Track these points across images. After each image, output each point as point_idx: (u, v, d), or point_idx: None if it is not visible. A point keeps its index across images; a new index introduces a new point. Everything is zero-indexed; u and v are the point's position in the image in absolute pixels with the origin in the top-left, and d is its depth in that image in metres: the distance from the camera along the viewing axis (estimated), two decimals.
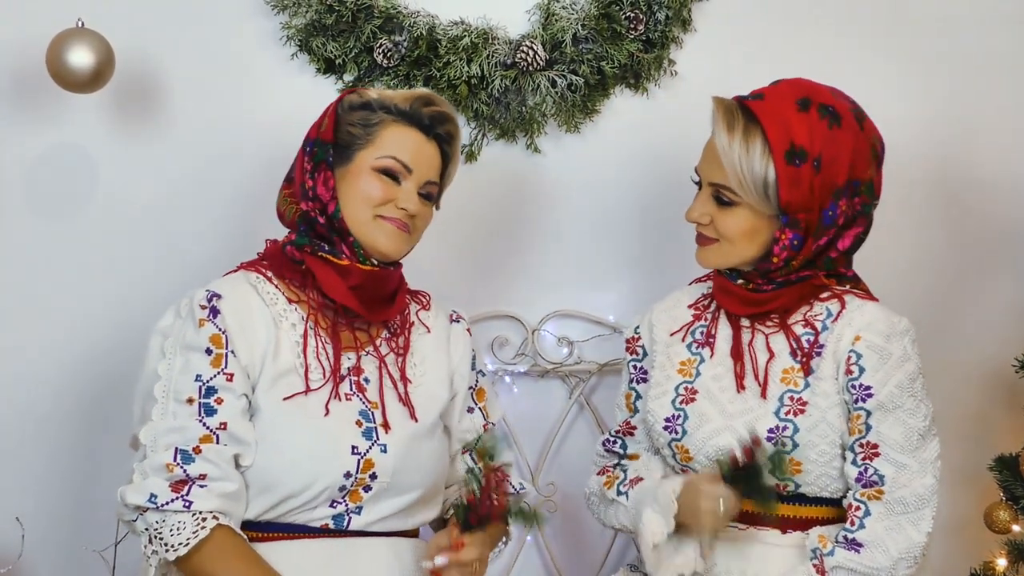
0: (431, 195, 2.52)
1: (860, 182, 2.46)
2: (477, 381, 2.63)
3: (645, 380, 2.61)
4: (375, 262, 2.47)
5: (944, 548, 3.07)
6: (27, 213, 2.97)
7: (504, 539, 2.62)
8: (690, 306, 2.62)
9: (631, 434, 2.64)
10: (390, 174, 2.47)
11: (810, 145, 2.42)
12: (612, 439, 2.65)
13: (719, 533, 2.42)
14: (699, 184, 2.53)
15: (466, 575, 2.38)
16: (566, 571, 3.11)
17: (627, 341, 2.67)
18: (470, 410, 2.61)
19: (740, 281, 2.51)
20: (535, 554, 3.12)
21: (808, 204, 2.43)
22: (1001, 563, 2.94)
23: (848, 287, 2.52)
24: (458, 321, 2.63)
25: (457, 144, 2.54)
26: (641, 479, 2.55)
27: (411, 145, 2.48)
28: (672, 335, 2.59)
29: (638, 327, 2.65)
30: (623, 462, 2.63)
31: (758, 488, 2.34)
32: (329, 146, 2.48)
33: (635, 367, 2.65)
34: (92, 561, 2.87)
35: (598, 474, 2.65)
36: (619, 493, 2.56)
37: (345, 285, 2.46)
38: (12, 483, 2.97)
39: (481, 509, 2.37)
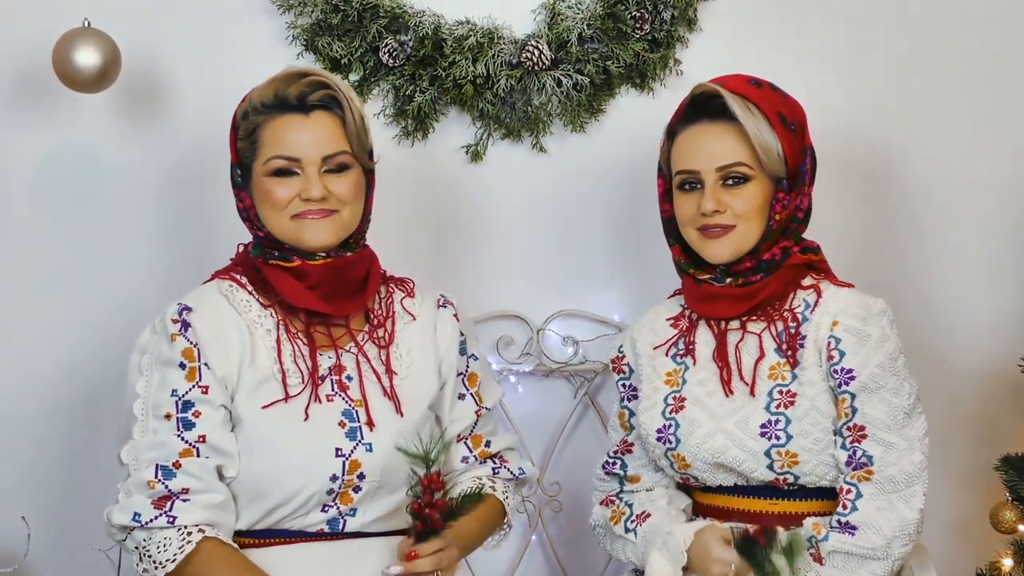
0: (343, 164, 2.44)
1: (810, 146, 2.55)
2: (468, 366, 2.57)
3: (636, 397, 2.62)
4: (326, 253, 2.44)
5: (950, 548, 3.07)
6: (33, 213, 2.97)
7: (506, 524, 2.58)
8: (668, 319, 2.63)
9: (629, 452, 2.64)
10: (282, 173, 2.42)
11: (784, 111, 2.51)
12: (611, 460, 2.65)
13: None
14: (690, 185, 2.53)
15: None
16: (570, 570, 3.11)
17: (612, 362, 2.68)
18: (461, 397, 2.55)
19: (729, 280, 2.51)
20: (539, 553, 3.12)
21: (798, 164, 2.51)
22: (1007, 563, 2.93)
23: (823, 276, 2.55)
24: (446, 306, 2.57)
25: (344, 101, 2.43)
26: (649, 515, 2.55)
27: (288, 134, 2.41)
28: (656, 348, 2.60)
29: (621, 346, 2.67)
30: (626, 489, 2.63)
31: (765, 568, 2.30)
32: (236, 167, 2.47)
33: (624, 385, 2.65)
34: (97, 560, 2.87)
35: (602, 504, 2.64)
36: (627, 530, 2.56)
37: (303, 287, 2.42)
38: (18, 482, 2.98)
39: (423, 515, 2.30)
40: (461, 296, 2.65)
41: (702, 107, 2.52)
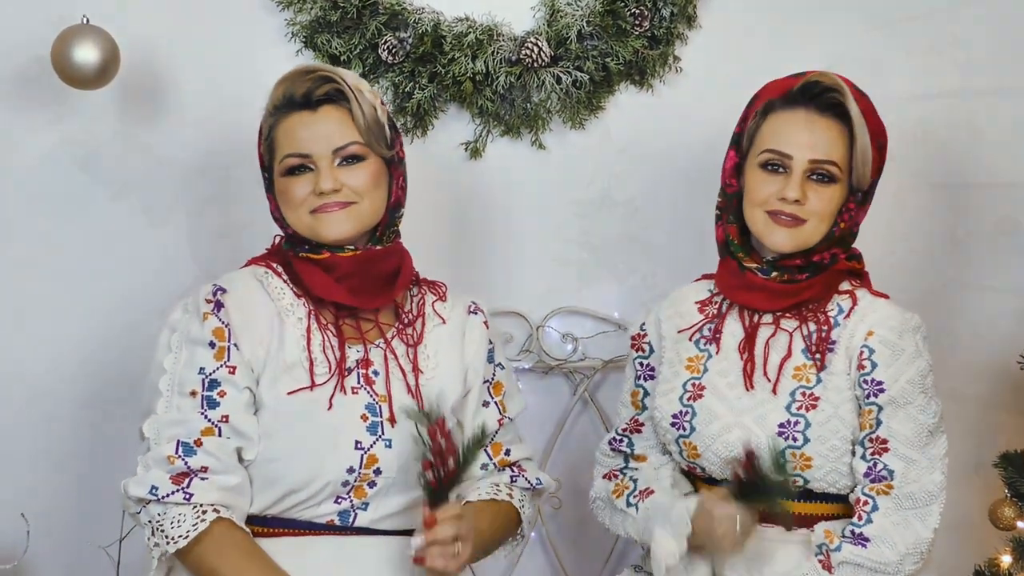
0: (356, 155, 2.44)
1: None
2: (495, 374, 2.57)
3: (652, 377, 2.61)
4: (353, 246, 2.45)
5: (949, 545, 3.06)
6: (33, 210, 2.97)
7: (520, 532, 2.57)
8: (696, 303, 2.61)
9: (638, 431, 2.63)
10: (296, 171, 2.43)
11: (879, 129, 2.50)
12: (619, 438, 2.63)
13: (738, 550, 2.41)
14: (774, 166, 2.48)
15: (449, 555, 2.32)
16: (571, 567, 3.11)
17: (633, 338, 2.65)
18: (485, 404, 2.55)
19: (775, 274, 2.50)
20: (540, 550, 3.12)
21: (875, 180, 2.51)
22: (1006, 560, 2.93)
23: (859, 284, 2.54)
24: (476, 313, 2.58)
25: (350, 93, 2.43)
26: (652, 491, 2.54)
27: (298, 131, 2.43)
28: (680, 332, 2.58)
29: (644, 324, 2.64)
30: (631, 466, 2.62)
31: (766, 494, 2.33)
32: (264, 171, 2.49)
33: (642, 364, 2.63)
34: (97, 557, 2.88)
35: (604, 477, 2.63)
36: (629, 504, 2.55)
37: (331, 280, 2.44)
38: (18, 479, 2.97)
39: (438, 467, 2.30)
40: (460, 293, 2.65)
41: (814, 96, 2.49)
